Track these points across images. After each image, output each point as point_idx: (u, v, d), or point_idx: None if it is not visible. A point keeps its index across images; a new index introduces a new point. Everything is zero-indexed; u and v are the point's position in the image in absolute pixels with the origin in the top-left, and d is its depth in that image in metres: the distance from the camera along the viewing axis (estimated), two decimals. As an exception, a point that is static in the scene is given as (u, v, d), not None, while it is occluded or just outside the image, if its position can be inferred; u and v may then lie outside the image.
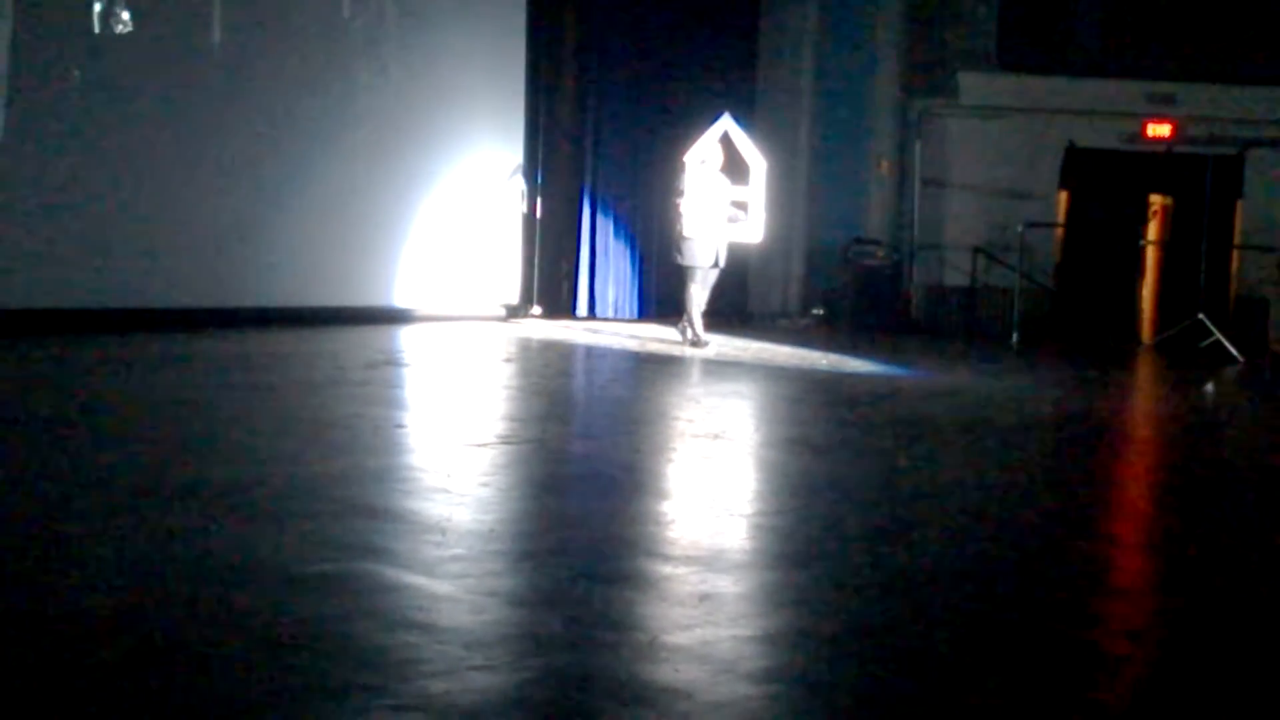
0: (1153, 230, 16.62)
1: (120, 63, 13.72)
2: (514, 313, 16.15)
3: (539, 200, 16.40)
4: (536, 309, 16.39)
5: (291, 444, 8.44)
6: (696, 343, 13.86)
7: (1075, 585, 6.09)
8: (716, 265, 14.00)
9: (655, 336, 14.70)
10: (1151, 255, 16.65)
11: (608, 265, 16.66)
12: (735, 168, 14.42)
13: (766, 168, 14.67)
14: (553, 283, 16.69)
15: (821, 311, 17.23)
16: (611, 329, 15.60)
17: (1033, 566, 6.36)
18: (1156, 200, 16.64)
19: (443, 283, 15.62)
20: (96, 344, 12.42)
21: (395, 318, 15.16)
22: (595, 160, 16.64)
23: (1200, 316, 15.43)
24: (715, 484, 7.96)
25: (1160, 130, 16.75)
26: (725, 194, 14.12)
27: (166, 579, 5.45)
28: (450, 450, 8.38)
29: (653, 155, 16.46)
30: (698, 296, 13.99)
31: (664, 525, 6.75)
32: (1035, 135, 17.55)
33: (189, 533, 6.13)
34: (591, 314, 16.60)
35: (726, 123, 14.52)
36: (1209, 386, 13.25)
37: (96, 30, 13.67)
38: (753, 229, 14.45)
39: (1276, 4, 17.75)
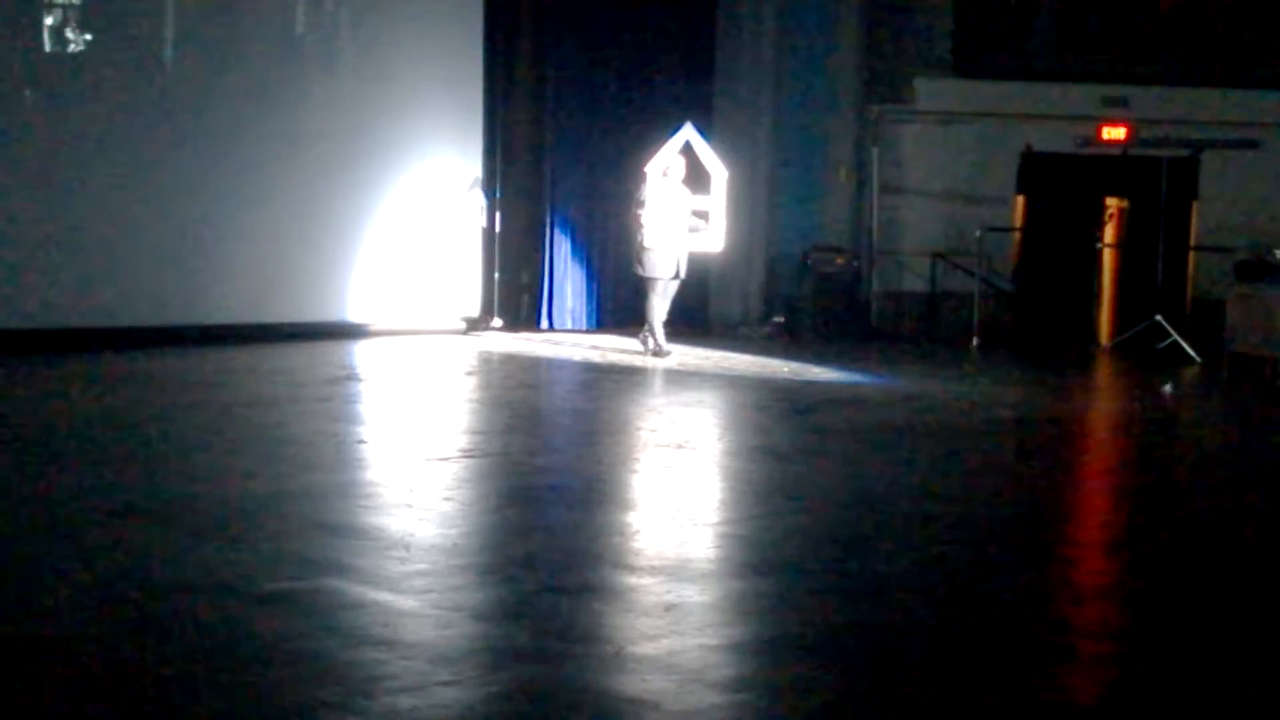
0: (1109, 233, 16.69)
1: (72, 81, 13.64)
2: (474, 326, 16.12)
3: (498, 213, 16.37)
4: (497, 322, 16.36)
5: (252, 461, 8.41)
6: (658, 353, 13.86)
7: (1040, 587, 6.12)
8: (677, 276, 13.99)
9: (616, 347, 14.69)
10: (1108, 258, 16.73)
11: (567, 277, 16.64)
12: (697, 177, 14.42)
13: (727, 177, 14.69)
14: (513, 295, 16.66)
15: (782, 319, 17.22)
16: (572, 340, 15.58)
17: (997, 569, 6.38)
18: (1113, 203, 16.71)
19: (402, 297, 15.57)
20: (50, 364, 12.33)
21: (354, 333, 15.09)
22: (553, 172, 16.61)
23: (1158, 318, 15.50)
24: (679, 494, 7.96)
25: (1115, 133, 16.80)
26: (686, 204, 14.11)
27: (128, 598, 5.41)
28: (413, 465, 8.36)
29: (610, 166, 16.45)
30: (659, 307, 13.98)
31: (629, 536, 6.74)
32: (992, 140, 17.61)
33: (150, 552, 6.10)
34: (551, 326, 16.58)
35: (689, 132, 14.52)
36: (1167, 387, 13.32)
37: (47, 49, 13.60)
38: (714, 238, 14.46)
39: (1229, 7, 17.88)
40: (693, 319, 16.20)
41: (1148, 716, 4.55)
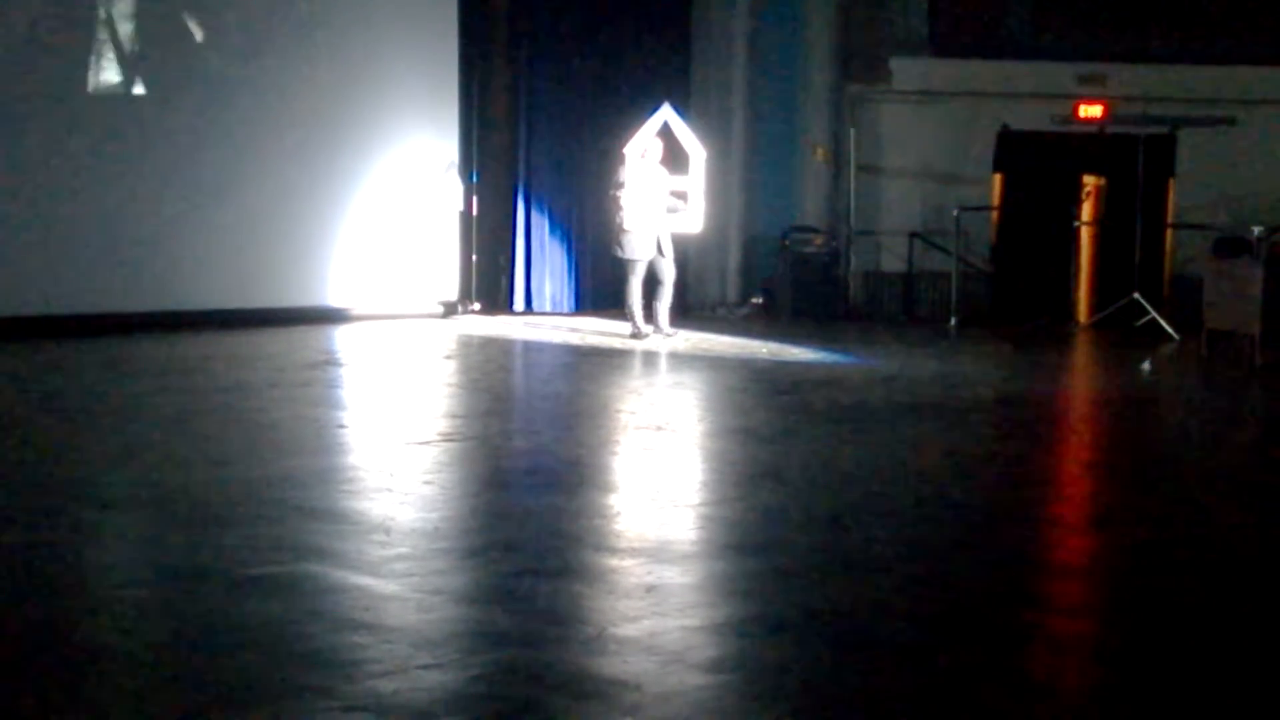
0: (1087, 211, 16.71)
1: (48, 67, 13.58)
2: (452, 309, 16.10)
3: (475, 196, 16.35)
4: (475, 305, 16.34)
5: (233, 446, 8.40)
6: (637, 335, 13.86)
7: (1018, 566, 6.14)
8: (663, 255, 13.93)
9: (596, 329, 14.69)
10: (1086, 236, 16.76)
11: (545, 259, 16.63)
12: (675, 157, 14.41)
13: (705, 157, 14.68)
14: (491, 278, 16.63)
15: (760, 300, 17.23)
16: (551, 323, 15.58)
17: (976, 548, 6.40)
18: (1090, 181, 16.72)
19: (380, 281, 15.53)
20: (31, 350, 12.29)
21: (332, 317, 15.06)
22: (530, 154, 16.59)
23: (1135, 295, 15.54)
24: (660, 475, 7.97)
25: (1092, 111, 16.82)
26: (665, 185, 14.09)
27: (109, 584, 5.41)
28: (392, 449, 8.36)
29: (586, 147, 16.43)
30: (637, 289, 13.96)
31: (609, 518, 6.75)
32: (969, 119, 17.60)
33: (130, 537, 6.09)
34: (530, 309, 16.57)
35: (666, 113, 14.50)
36: (1146, 365, 13.36)
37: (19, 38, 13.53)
38: (692, 219, 14.46)
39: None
40: (671, 300, 16.19)
41: (1126, 694, 4.57)
